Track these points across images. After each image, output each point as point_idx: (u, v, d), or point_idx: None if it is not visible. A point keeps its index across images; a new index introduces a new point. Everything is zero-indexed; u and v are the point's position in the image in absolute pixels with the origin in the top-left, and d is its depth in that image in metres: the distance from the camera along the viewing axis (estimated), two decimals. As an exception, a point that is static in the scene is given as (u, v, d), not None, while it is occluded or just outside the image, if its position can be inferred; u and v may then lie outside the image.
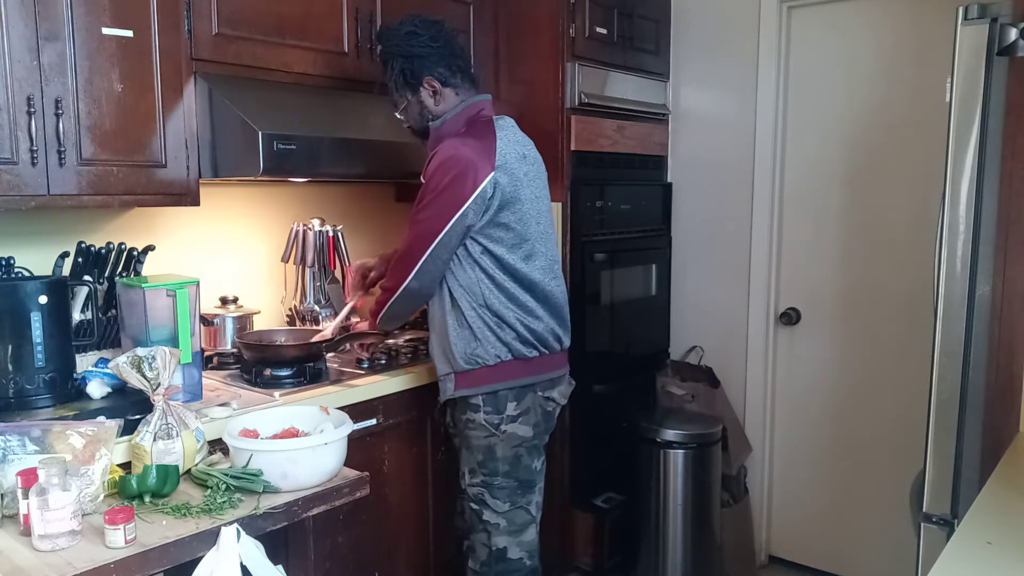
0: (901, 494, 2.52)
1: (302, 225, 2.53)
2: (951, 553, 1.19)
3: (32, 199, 1.72)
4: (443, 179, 1.90)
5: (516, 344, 2.01)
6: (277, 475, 1.55)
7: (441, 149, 1.94)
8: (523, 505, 2.07)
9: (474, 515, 2.07)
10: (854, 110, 2.83)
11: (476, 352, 1.99)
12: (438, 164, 1.92)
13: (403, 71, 2.00)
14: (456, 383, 2.03)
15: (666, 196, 3.20)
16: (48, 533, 1.32)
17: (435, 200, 1.92)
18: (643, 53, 3.00)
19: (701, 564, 2.82)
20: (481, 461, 2.04)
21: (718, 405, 3.04)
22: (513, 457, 2.03)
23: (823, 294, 2.97)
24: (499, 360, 2.00)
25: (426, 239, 1.92)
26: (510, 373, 2.02)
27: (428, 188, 1.94)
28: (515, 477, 2.04)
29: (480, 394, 2.01)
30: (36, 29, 1.69)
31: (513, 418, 2.02)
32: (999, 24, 1.68)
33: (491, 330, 1.99)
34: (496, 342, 1.99)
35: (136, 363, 1.60)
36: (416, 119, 2.07)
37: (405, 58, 2.00)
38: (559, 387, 2.13)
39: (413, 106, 2.04)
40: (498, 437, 2.02)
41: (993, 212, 1.76)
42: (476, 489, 2.06)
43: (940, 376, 1.81)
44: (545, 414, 2.09)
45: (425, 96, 2.02)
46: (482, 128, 2.01)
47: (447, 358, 2.04)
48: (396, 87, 2.04)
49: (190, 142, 1.98)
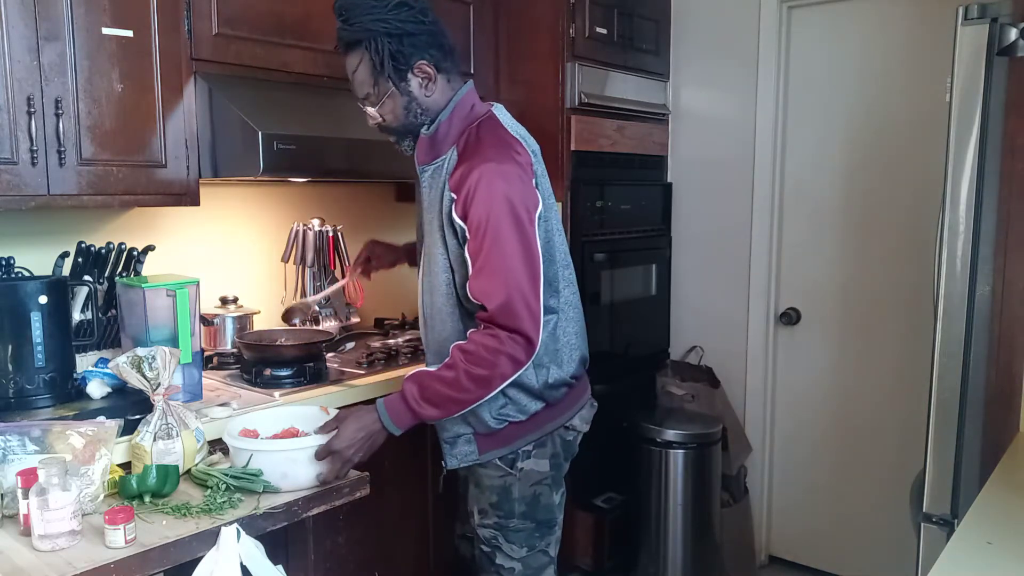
0: (901, 494, 2.52)
1: (302, 225, 2.53)
2: (951, 553, 1.19)
3: (32, 199, 1.72)
4: (505, 220, 1.58)
5: (549, 391, 1.74)
6: (277, 475, 1.55)
7: (481, 173, 1.58)
8: (542, 548, 1.81)
9: (485, 557, 1.82)
10: (854, 110, 2.83)
11: (506, 409, 1.71)
12: (490, 203, 1.57)
13: (392, 54, 1.61)
14: (480, 446, 1.74)
15: (666, 196, 3.20)
16: (48, 533, 1.31)
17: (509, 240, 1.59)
18: (643, 53, 3.00)
19: (701, 564, 2.82)
20: (495, 503, 1.77)
21: (718, 405, 3.04)
22: (531, 496, 1.77)
23: (823, 294, 2.97)
24: (531, 413, 1.73)
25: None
26: (540, 421, 1.76)
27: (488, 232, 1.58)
28: (533, 518, 1.78)
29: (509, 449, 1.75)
30: (36, 29, 1.69)
31: (528, 453, 1.76)
32: (999, 24, 1.68)
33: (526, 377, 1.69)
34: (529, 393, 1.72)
35: (136, 363, 1.60)
36: (399, 114, 1.68)
37: (393, 37, 1.61)
38: (581, 413, 1.85)
39: (396, 98, 1.66)
40: (514, 476, 1.75)
41: (993, 212, 1.76)
42: (488, 532, 1.79)
43: (940, 376, 1.81)
44: (564, 444, 1.82)
45: (415, 85, 1.66)
46: (502, 136, 1.69)
47: (463, 417, 1.70)
48: (375, 74, 1.64)
49: (190, 142, 1.98)
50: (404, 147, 1.76)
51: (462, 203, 1.60)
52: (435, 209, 1.69)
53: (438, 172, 1.70)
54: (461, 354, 1.59)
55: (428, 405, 1.60)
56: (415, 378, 1.62)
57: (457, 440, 1.75)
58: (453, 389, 1.59)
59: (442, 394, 1.59)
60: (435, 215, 1.69)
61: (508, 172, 1.60)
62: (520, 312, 1.57)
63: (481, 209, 1.57)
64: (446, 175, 1.67)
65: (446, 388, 1.59)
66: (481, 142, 1.66)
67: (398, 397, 1.62)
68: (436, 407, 1.60)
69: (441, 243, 1.68)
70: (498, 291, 1.57)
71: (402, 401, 1.61)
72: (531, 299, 1.59)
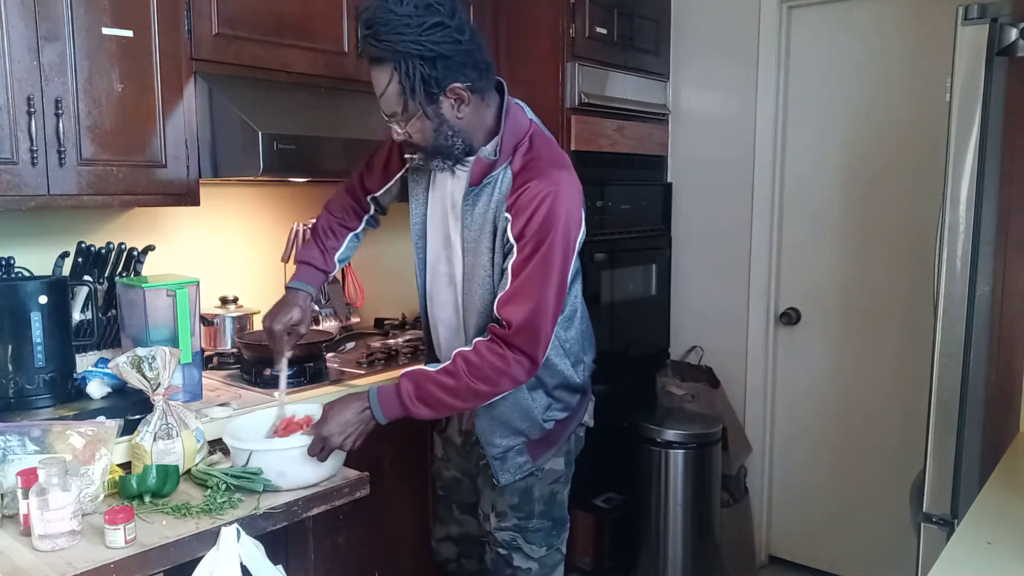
0: (901, 494, 2.52)
1: (302, 225, 2.53)
2: (951, 553, 1.19)
3: (32, 199, 1.72)
4: (557, 235, 1.56)
5: (587, 381, 1.80)
6: (275, 473, 1.55)
7: (549, 199, 1.54)
8: (557, 546, 1.84)
9: (501, 560, 1.80)
10: (854, 110, 2.83)
11: (552, 411, 1.73)
12: (546, 230, 1.55)
13: (424, 78, 1.48)
14: (533, 454, 1.73)
15: (666, 196, 3.20)
16: (48, 533, 1.32)
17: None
18: (643, 53, 3.00)
19: (701, 564, 2.82)
20: (516, 504, 1.77)
21: (718, 405, 3.04)
22: (549, 495, 1.79)
23: (823, 294, 2.97)
24: (573, 408, 1.77)
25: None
26: (576, 415, 1.81)
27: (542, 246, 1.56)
28: (550, 517, 1.80)
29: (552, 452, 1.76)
30: (36, 29, 1.69)
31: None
32: (999, 24, 1.68)
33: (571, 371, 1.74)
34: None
35: (136, 363, 1.60)
36: (428, 136, 1.57)
37: (426, 60, 1.47)
38: (588, 408, 1.89)
39: (427, 121, 1.54)
40: (536, 476, 1.76)
41: (993, 212, 1.76)
42: (507, 534, 1.78)
43: (940, 376, 1.81)
44: (577, 440, 1.86)
45: (446, 108, 1.54)
46: (557, 153, 1.66)
47: (513, 426, 1.70)
48: (406, 98, 1.51)
49: (190, 142, 1.98)
50: (434, 166, 1.66)
51: (521, 225, 1.55)
52: (484, 229, 1.64)
53: (488, 190, 1.63)
54: (465, 365, 1.58)
55: (421, 405, 1.59)
56: (413, 377, 1.61)
57: (508, 454, 1.73)
58: (450, 395, 1.58)
59: (437, 398, 1.59)
60: (484, 234, 1.64)
61: (572, 198, 1.58)
62: (539, 339, 1.58)
63: (539, 234, 1.54)
64: (499, 194, 1.61)
65: (443, 393, 1.59)
66: (542, 160, 1.60)
67: (392, 391, 1.61)
68: (429, 408, 1.61)
69: (488, 264, 1.65)
70: (525, 315, 1.56)
71: (396, 396, 1.60)
72: (549, 325, 1.60)
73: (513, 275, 1.57)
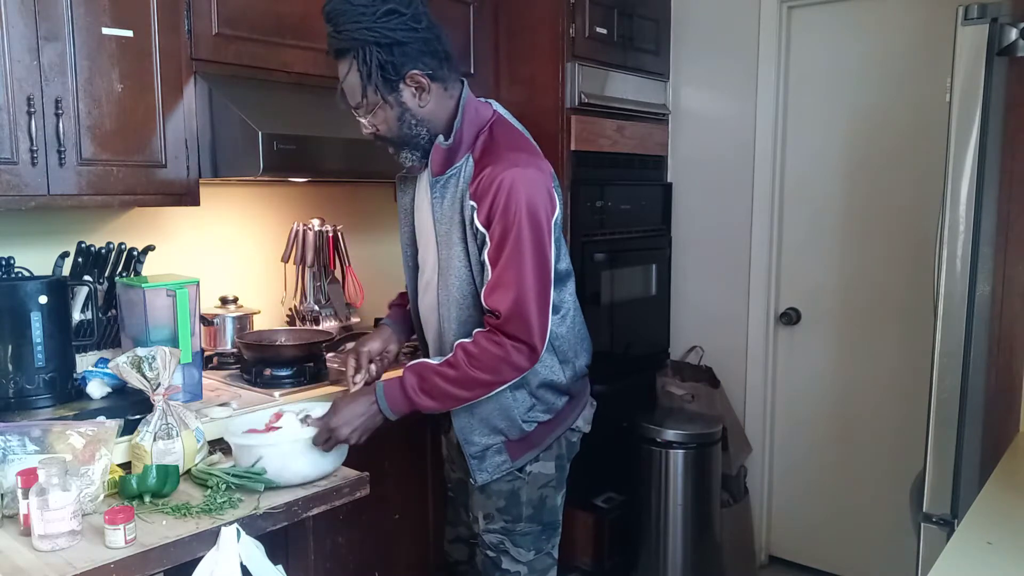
0: (901, 494, 2.52)
1: (302, 225, 2.53)
2: (951, 553, 1.19)
3: (32, 199, 1.72)
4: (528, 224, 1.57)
5: (575, 383, 1.77)
6: (276, 467, 1.55)
7: (506, 181, 1.56)
8: (548, 551, 1.82)
9: (490, 563, 1.81)
10: (854, 110, 2.83)
11: (534, 411, 1.72)
12: (512, 213, 1.56)
13: (380, 64, 1.56)
14: (512, 453, 1.72)
15: (666, 196, 3.20)
16: (48, 533, 1.31)
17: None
18: (643, 53, 3.00)
19: (701, 564, 2.82)
20: (503, 507, 1.76)
21: (718, 405, 3.04)
22: (538, 500, 1.77)
23: (823, 294, 2.97)
24: (558, 410, 1.75)
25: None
26: (564, 417, 1.78)
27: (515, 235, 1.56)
28: (539, 521, 1.78)
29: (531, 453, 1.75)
30: (36, 29, 1.69)
31: (535, 457, 1.76)
32: (999, 24, 1.68)
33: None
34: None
35: (136, 363, 1.60)
36: (392, 125, 1.63)
37: (382, 47, 1.55)
38: (583, 413, 1.86)
39: (388, 109, 1.61)
40: (523, 480, 1.75)
41: (993, 212, 1.76)
42: (495, 537, 1.78)
43: (940, 376, 1.81)
44: (569, 445, 1.83)
45: (407, 96, 1.60)
46: (518, 138, 1.69)
47: (492, 424, 1.71)
48: (364, 85, 1.58)
49: (190, 142, 1.98)
50: (403, 158, 1.70)
51: (485, 211, 1.58)
52: (454, 219, 1.66)
53: (454, 181, 1.66)
54: (465, 356, 1.60)
55: (426, 396, 1.62)
56: (416, 369, 1.64)
57: (486, 453, 1.73)
58: (454, 386, 1.61)
59: (441, 389, 1.61)
60: (454, 225, 1.66)
61: (531, 178, 1.59)
62: (530, 324, 1.58)
63: (503, 219, 1.56)
64: (463, 183, 1.64)
65: (446, 384, 1.61)
66: (499, 146, 1.63)
67: (396, 384, 1.63)
68: (433, 399, 1.63)
69: (463, 253, 1.66)
70: (511, 303, 1.57)
71: (400, 389, 1.62)
72: (540, 309, 1.60)
73: (491, 264, 1.60)
